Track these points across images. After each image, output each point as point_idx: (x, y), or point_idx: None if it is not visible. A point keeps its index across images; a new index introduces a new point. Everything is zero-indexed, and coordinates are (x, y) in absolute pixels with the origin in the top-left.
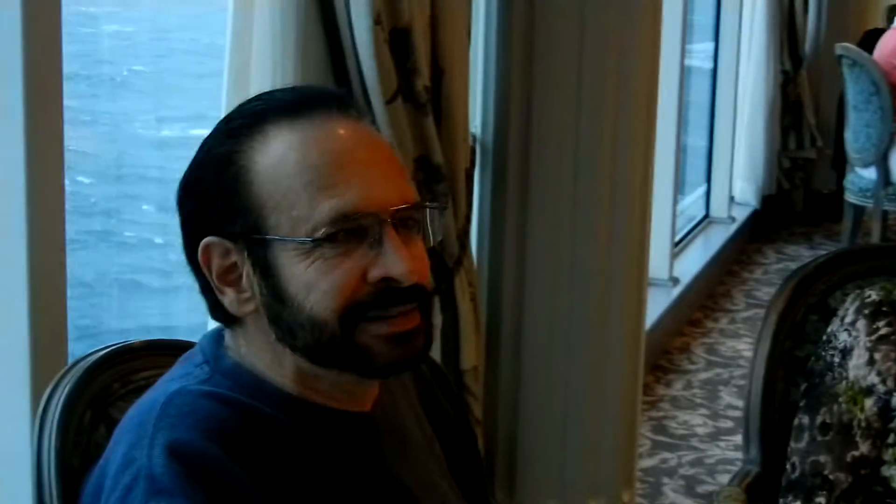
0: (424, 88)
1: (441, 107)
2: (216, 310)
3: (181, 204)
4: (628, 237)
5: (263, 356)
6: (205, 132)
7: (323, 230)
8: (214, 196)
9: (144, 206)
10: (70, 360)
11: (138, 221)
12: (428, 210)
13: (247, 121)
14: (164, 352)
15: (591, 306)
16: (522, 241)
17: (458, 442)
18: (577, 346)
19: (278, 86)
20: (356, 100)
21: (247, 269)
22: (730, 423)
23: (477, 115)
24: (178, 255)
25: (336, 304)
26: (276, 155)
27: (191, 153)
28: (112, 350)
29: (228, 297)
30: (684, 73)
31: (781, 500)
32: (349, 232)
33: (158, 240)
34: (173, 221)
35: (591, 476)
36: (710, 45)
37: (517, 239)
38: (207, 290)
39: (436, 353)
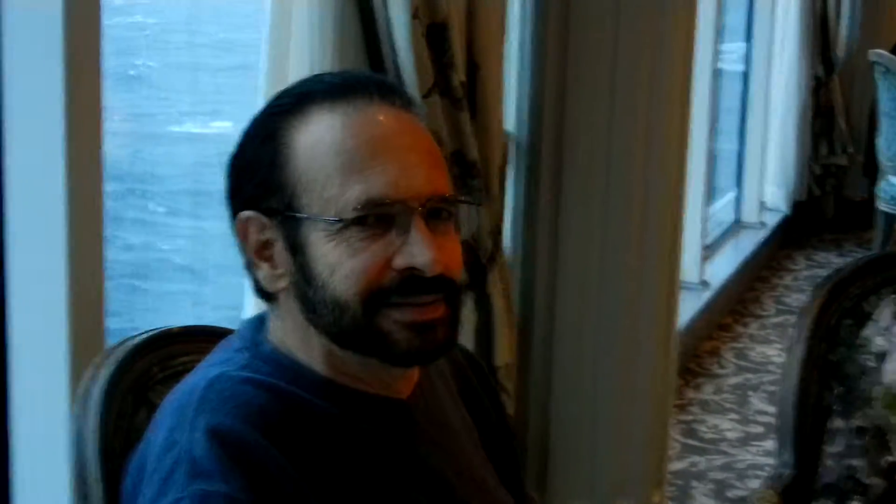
0: (460, 84)
1: (476, 103)
2: (255, 285)
3: (227, 177)
4: (660, 238)
5: (295, 336)
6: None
7: (351, 213)
8: (254, 171)
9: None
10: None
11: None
12: (461, 205)
13: (292, 100)
14: (202, 337)
15: (622, 306)
16: (555, 239)
17: (495, 433)
18: (608, 345)
19: None
20: (402, 89)
21: (280, 246)
22: (760, 429)
23: (511, 112)
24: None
25: (358, 288)
26: (315, 135)
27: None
28: (151, 335)
29: (262, 272)
30: (716, 75)
31: None
32: (378, 217)
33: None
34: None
35: (621, 476)
36: (738, 46)
37: (550, 237)
38: (249, 266)
39: (469, 348)
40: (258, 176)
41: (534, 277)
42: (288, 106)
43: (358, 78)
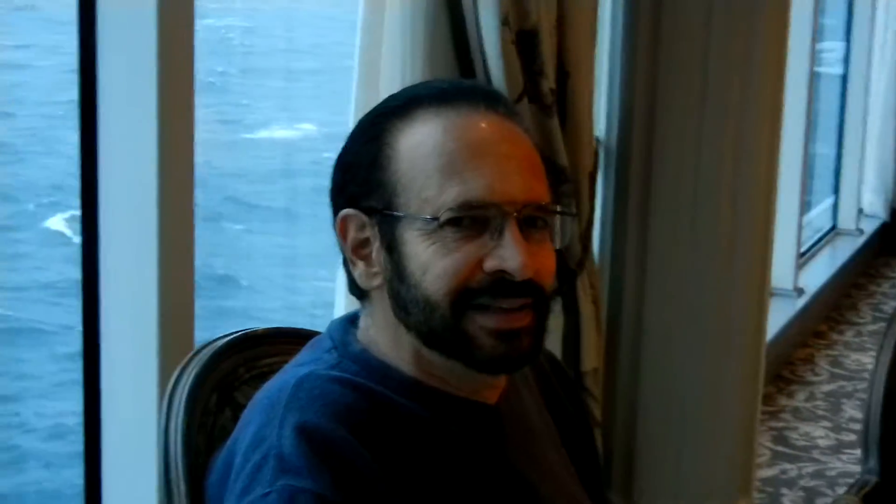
0: (550, 90)
1: (566, 109)
2: (350, 283)
3: (332, 175)
4: (751, 245)
5: (385, 335)
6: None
7: (447, 213)
8: (357, 170)
9: None
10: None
11: None
12: (558, 216)
13: (400, 102)
14: (288, 339)
15: (710, 312)
16: (643, 245)
17: (577, 437)
18: (696, 351)
19: (407, 84)
20: (507, 99)
21: (377, 244)
22: (852, 437)
23: (601, 118)
24: None
25: (448, 288)
26: (418, 137)
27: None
28: (238, 336)
29: (359, 270)
30: (813, 78)
31: None
32: (473, 220)
33: None
34: None
35: (708, 482)
36: (835, 44)
37: (638, 243)
38: (346, 263)
39: (557, 353)
40: (360, 175)
41: (622, 283)
42: (395, 108)
43: (465, 85)
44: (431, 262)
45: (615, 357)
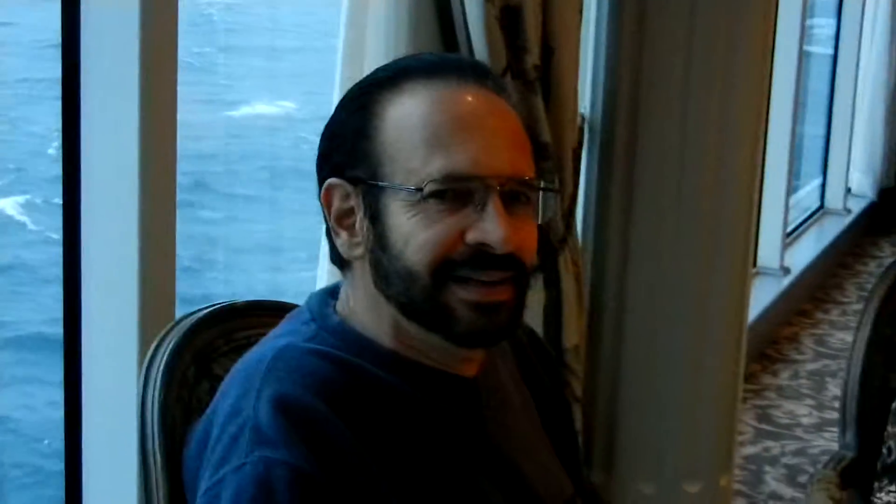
0: (534, 67)
1: (550, 86)
2: (332, 252)
3: (319, 144)
4: (735, 223)
5: (365, 305)
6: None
7: (431, 185)
8: (344, 139)
9: None
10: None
11: None
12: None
13: (389, 74)
14: (267, 312)
15: (694, 290)
16: (627, 223)
17: (554, 412)
18: (678, 328)
19: (390, 60)
20: (496, 74)
21: (360, 214)
22: (836, 415)
23: (586, 95)
24: None
25: (429, 259)
26: (405, 108)
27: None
28: (216, 308)
29: (341, 239)
30: (803, 57)
31: (876, 485)
32: (456, 193)
33: None
34: None
35: (689, 460)
36: (825, 21)
37: (622, 220)
38: (329, 233)
39: (538, 329)
40: (347, 145)
41: (605, 260)
42: (383, 79)
43: (454, 59)
44: (414, 233)
45: (597, 334)
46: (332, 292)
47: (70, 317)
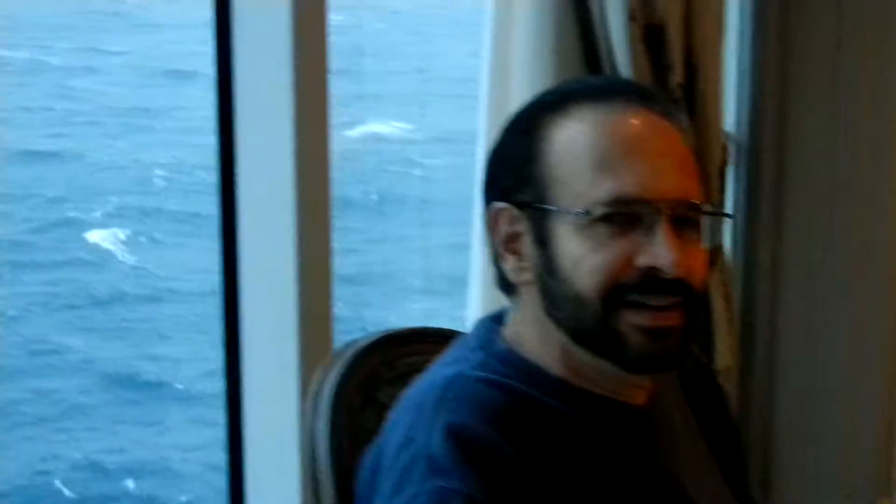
0: (678, 85)
1: (694, 104)
2: (499, 277)
3: (485, 168)
4: (889, 239)
5: (532, 331)
6: None
7: (600, 209)
8: (510, 163)
9: None
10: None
11: None
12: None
13: (556, 97)
14: (429, 339)
15: (848, 308)
16: (777, 240)
17: (722, 440)
18: (832, 349)
19: (536, 82)
20: (662, 97)
21: (528, 238)
22: None
23: (731, 112)
24: None
25: (600, 283)
26: (572, 132)
27: None
28: (378, 337)
29: (509, 264)
30: None
31: None
32: (625, 216)
33: None
34: None
35: (847, 482)
36: None
37: (771, 238)
38: (496, 258)
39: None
40: (513, 168)
41: (755, 279)
42: (550, 103)
43: (620, 82)
44: (583, 257)
45: (749, 355)
46: (497, 318)
47: (231, 364)
